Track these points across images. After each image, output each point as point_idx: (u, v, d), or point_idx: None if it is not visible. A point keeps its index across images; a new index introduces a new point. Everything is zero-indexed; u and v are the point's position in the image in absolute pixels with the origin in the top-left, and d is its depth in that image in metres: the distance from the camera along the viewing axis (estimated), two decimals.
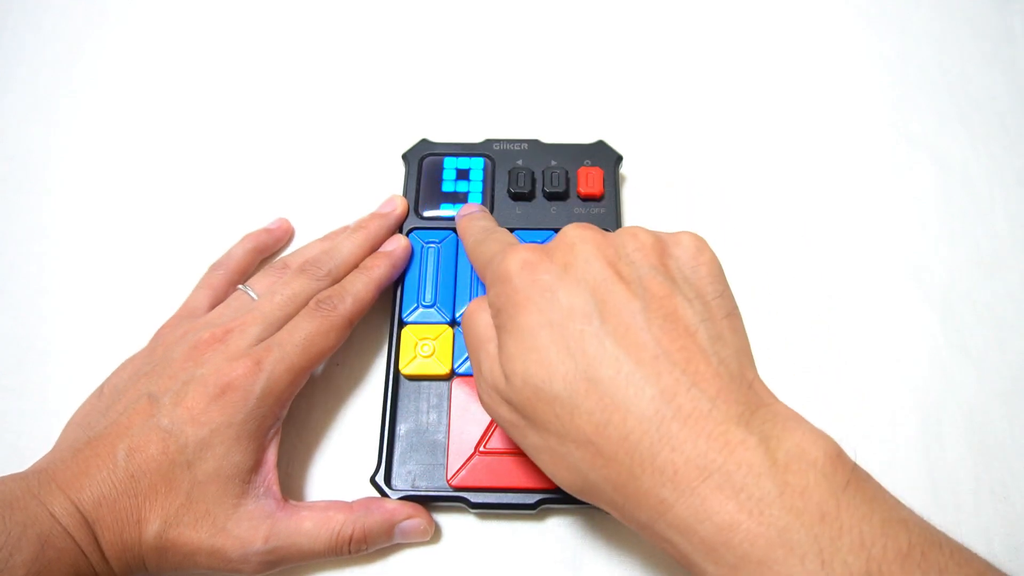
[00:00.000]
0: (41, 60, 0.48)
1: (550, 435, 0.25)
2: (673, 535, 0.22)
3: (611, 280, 0.25)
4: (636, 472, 0.23)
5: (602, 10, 0.49)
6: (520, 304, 0.26)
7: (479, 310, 0.29)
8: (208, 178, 0.44)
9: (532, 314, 0.25)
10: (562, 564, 0.33)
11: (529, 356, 0.25)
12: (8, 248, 0.42)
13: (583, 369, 0.24)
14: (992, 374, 0.38)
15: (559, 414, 0.24)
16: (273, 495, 0.31)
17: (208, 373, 0.31)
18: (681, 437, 0.22)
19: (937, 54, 0.48)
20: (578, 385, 0.24)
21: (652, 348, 0.24)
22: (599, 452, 0.23)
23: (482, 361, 0.27)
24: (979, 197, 0.43)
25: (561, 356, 0.24)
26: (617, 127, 0.44)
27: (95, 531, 0.28)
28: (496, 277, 0.27)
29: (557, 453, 0.25)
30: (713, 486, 0.21)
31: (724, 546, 0.21)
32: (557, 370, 0.24)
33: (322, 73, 0.47)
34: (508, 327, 0.26)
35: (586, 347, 0.24)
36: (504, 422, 0.27)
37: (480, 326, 0.28)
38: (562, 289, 0.25)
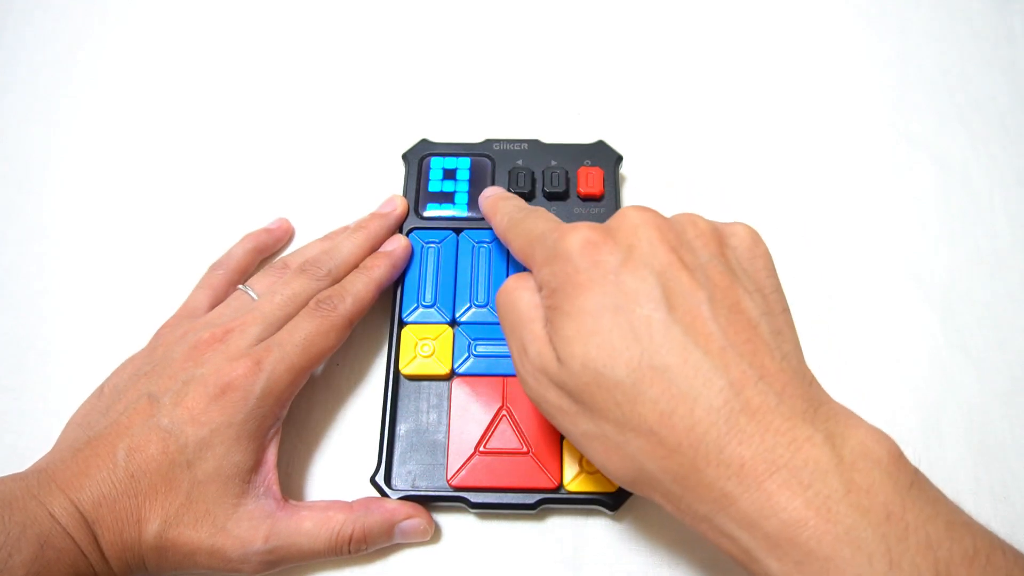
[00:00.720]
0: (41, 60, 0.48)
1: (607, 423, 0.24)
2: (734, 530, 0.22)
3: (676, 266, 0.25)
4: (700, 464, 0.22)
5: (602, 10, 0.49)
6: (582, 285, 0.25)
7: (521, 288, 0.28)
8: (208, 178, 0.44)
9: (595, 296, 0.25)
10: (562, 564, 0.33)
11: (591, 339, 0.24)
12: (8, 248, 0.42)
13: (649, 356, 0.23)
14: (992, 374, 0.38)
15: (620, 401, 0.23)
16: (273, 495, 0.31)
17: (208, 373, 0.31)
18: (749, 431, 0.22)
19: (937, 54, 0.48)
20: (643, 372, 0.23)
21: (719, 339, 0.23)
22: (661, 442, 0.23)
23: (527, 342, 0.26)
24: (979, 197, 0.43)
25: (626, 341, 0.24)
26: (617, 127, 0.44)
27: (95, 531, 0.28)
28: (552, 255, 0.26)
29: (612, 442, 0.24)
30: (780, 482, 0.21)
31: (789, 543, 0.21)
32: (621, 355, 0.24)
33: (322, 73, 0.47)
34: (565, 308, 0.25)
35: (653, 333, 0.23)
36: (551, 407, 0.26)
37: (523, 304, 0.27)
38: (627, 273, 0.25)
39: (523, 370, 0.27)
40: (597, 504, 0.33)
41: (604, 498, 0.33)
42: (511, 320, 0.28)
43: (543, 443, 0.33)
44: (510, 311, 0.28)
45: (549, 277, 0.26)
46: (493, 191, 0.36)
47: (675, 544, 0.33)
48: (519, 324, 0.27)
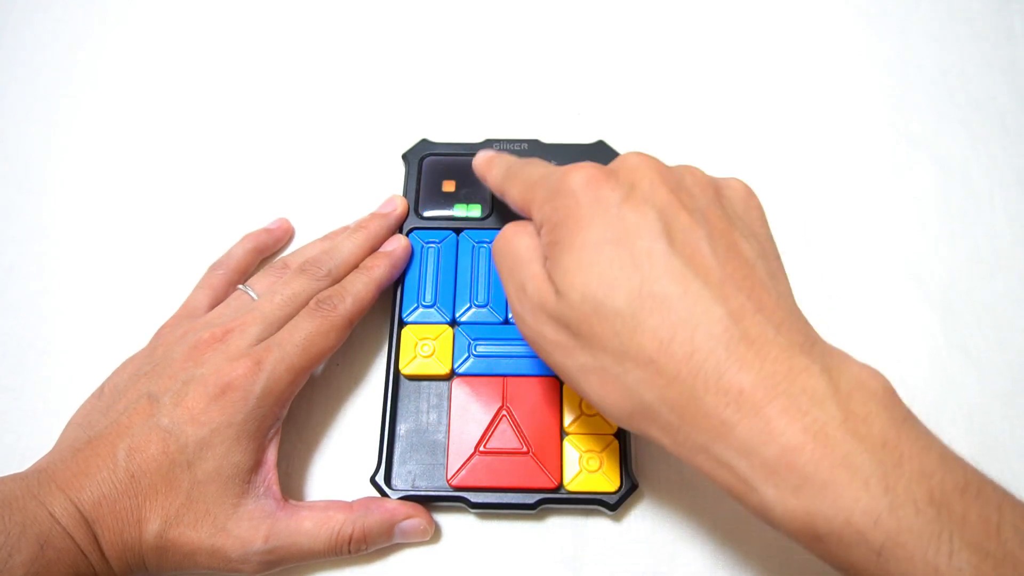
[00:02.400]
0: (41, 60, 0.48)
1: (605, 354, 0.24)
2: (732, 457, 0.22)
3: (675, 205, 0.26)
4: (699, 392, 0.22)
5: (602, 10, 0.49)
6: (583, 219, 0.25)
7: (520, 232, 0.29)
8: (208, 178, 0.44)
9: (597, 229, 0.25)
10: (562, 564, 0.33)
11: (591, 270, 0.24)
12: (8, 248, 0.42)
13: (650, 284, 0.24)
14: (992, 374, 0.38)
15: (619, 331, 0.24)
16: (273, 495, 0.31)
17: (208, 373, 0.31)
18: (748, 358, 0.22)
19: (937, 54, 0.48)
20: (643, 300, 0.23)
21: (718, 272, 0.24)
22: (660, 371, 0.23)
23: (525, 281, 0.27)
24: (979, 197, 0.43)
25: (626, 271, 0.24)
26: (617, 127, 0.44)
27: (95, 531, 0.28)
28: (555, 191, 0.27)
29: (610, 373, 0.24)
30: (779, 408, 0.21)
31: (787, 468, 0.21)
32: (621, 285, 0.24)
33: (322, 73, 0.47)
34: (566, 241, 0.25)
35: (654, 263, 0.24)
36: (547, 343, 0.26)
37: (521, 247, 0.28)
38: (628, 208, 0.25)
39: (521, 309, 0.27)
40: (597, 504, 0.33)
41: (604, 498, 0.33)
42: (508, 263, 0.28)
43: (543, 443, 0.33)
44: (507, 255, 0.28)
45: (551, 212, 0.27)
46: (486, 151, 0.36)
47: (675, 544, 0.33)
48: (517, 265, 0.28)
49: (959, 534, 0.20)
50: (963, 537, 0.20)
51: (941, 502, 0.20)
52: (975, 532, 0.20)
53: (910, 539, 0.20)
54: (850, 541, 0.21)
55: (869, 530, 0.20)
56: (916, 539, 0.20)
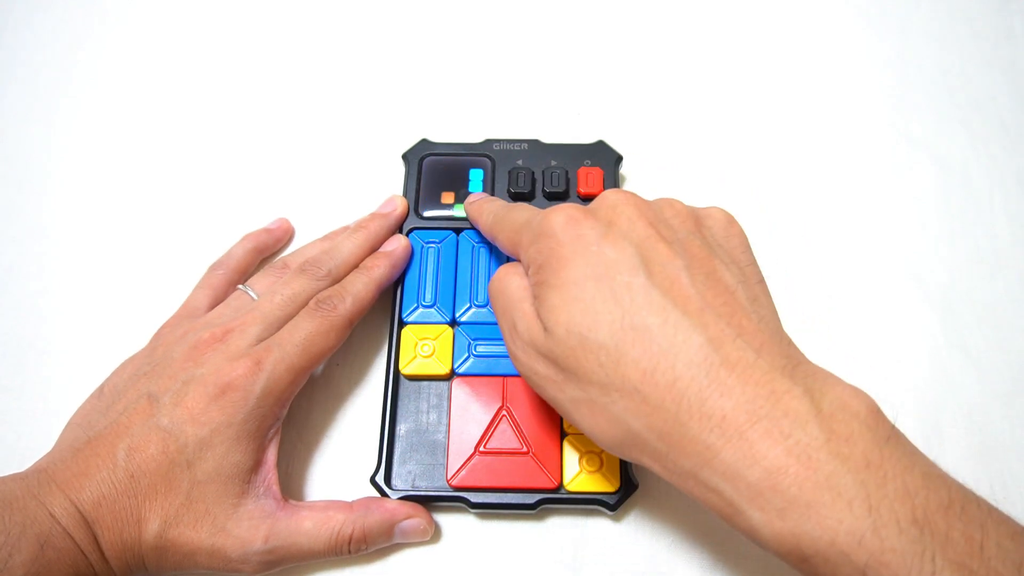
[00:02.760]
0: (41, 60, 0.48)
1: (592, 386, 0.25)
2: (719, 482, 0.23)
3: (654, 238, 0.26)
4: (683, 418, 0.23)
5: (602, 10, 0.49)
6: (565, 258, 0.26)
7: (511, 273, 0.30)
8: (208, 178, 0.44)
9: (577, 267, 0.26)
10: (562, 564, 0.33)
11: (574, 306, 0.25)
12: (8, 248, 0.42)
13: (630, 317, 0.24)
14: (992, 374, 0.38)
15: (604, 363, 0.24)
16: (273, 495, 0.31)
17: (208, 373, 0.31)
18: (729, 384, 0.23)
19: (937, 54, 0.48)
20: (625, 333, 0.24)
21: (697, 301, 0.25)
22: (645, 400, 0.24)
23: (516, 320, 0.28)
24: (979, 197, 0.43)
25: (607, 305, 0.25)
26: (617, 127, 0.44)
27: (95, 531, 0.28)
28: (538, 233, 0.28)
29: (598, 404, 0.25)
30: (761, 431, 0.22)
31: (771, 490, 0.21)
32: (603, 319, 0.25)
33: (322, 73, 0.47)
34: (551, 281, 0.26)
35: (634, 296, 0.25)
36: (539, 378, 0.27)
37: (512, 287, 0.29)
38: (607, 244, 0.26)
39: (514, 347, 0.28)
40: (597, 504, 0.33)
41: (604, 498, 0.33)
42: (502, 303, 0.29)
43: (543, 443, 0.33)
44: (500, 295, 0.30)
45: (535, 254, 0.28)
46: (476, 196, 0.38)
47: (675, 544, 0.33)
48: (509, 305, 0.29)
49: (942, 552, 0.20)
50: (946, 555, 0.20)
51: (924, 521, 0.20)
52: (958, 550, 0.20)
53: (893, 558, 0.20)
54: (836, 561, 0.21)
55: (853, 550, 0.20)
56: (900, 558, 0.20)
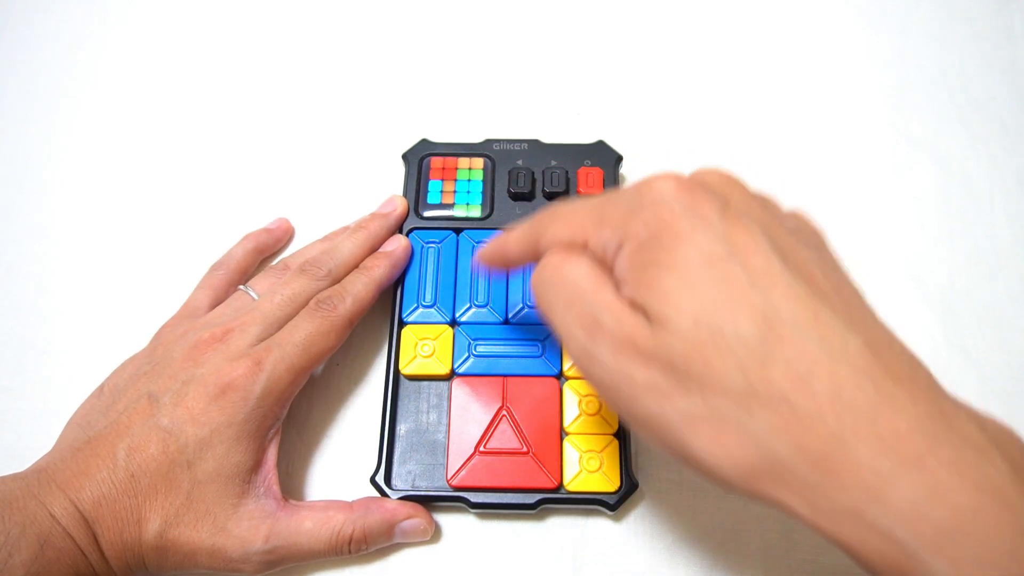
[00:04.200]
0: (41, 60, 0.48)
1: (722, 395, 0.20)
2: (892, 522, 0.18)
3: (774, 224, 0.22)
4: (848, 438, 0.18)
5: (602, 10, 0.49)
6: (683, 233, 0.21)
7: (570, 260, 0.24)
8: (208, 178, 0.44)
9: (700, 243, 0.21)
10: (562, 564, 0.33)
11: (701, 291, 0.20)
12: (8, 248, 0.42)
13: (776, 309, 0.20)
14: (992, 374, 0.38)
15: (745, 363, 0.19)
16: (273, 495, 0.31)
17: (208, 373, 0.31)
18: (900, 398, 0.19)
19: (937, 54, 0.48)
20: (771, 327, 0.19)
21: (836, 299, 0.21)
22: (797, 413, 0.19)
23: (599, 313, 0.22)
24: (979, 197, 0.43)
25: (746, 292, 0.20)
26: (617, 127, 0.44)
27: (95, 531, 0.28)
28: (637, 204, 0.22)
29: (728, 420, 0.20)
30: (944, 459, 0.18)
31: (963, 535, 0.17)
32: (742, 307, 0.20)
33: (322, 73, 0.47)
34: (663, 260, 0.21)
35: (775, 284, 0.20)
36: (636, 387, 0.21)
37: (579, 276, 0.23)
38: (731, 221, 0.21)
39: (593, 347, 0.22)
40: (597, 504, 0.33)
41: (604, 498, 0.33)
42: (565, 296, 0.23)
43: (543, 443, 0.33)
44: (561, 286, 0.24)
45: (639, 227, 0.22)
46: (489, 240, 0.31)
47: (675, 544, 0.33)
48: (579, 297, 0.23)
49: None
50: None
51: None
52: None
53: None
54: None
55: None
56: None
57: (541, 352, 0.35)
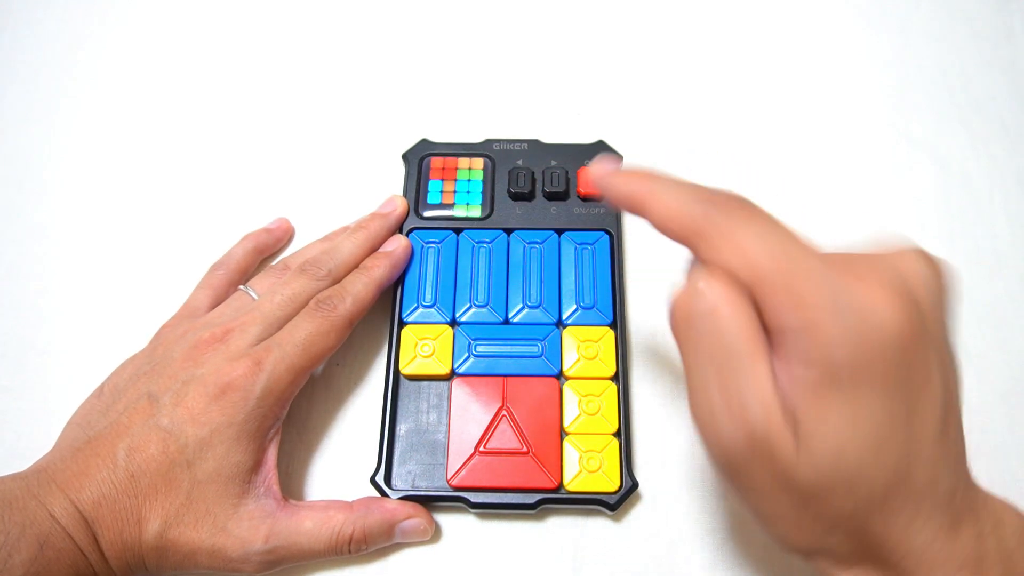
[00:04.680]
0: (41, 60, 0.48)
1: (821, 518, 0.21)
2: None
3: (956, 361, 0.23)
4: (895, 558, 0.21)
5: (602, 10, 0.49)
6: (882, 385, 0.20)
7: (733, 304, 0.20)
8: (208, 178, 0.44)
9: (892, 404, 0.20)
10: (562, 564, 0.33)
11: (864, 445, 0.20)
12: (8, 248, 0.42)
13: (909, 469, 0.21)
14: (992, 374, 0.38)
15: (855, 506, 0.21)
16: (273, 495, 0.31)
17: (208, 373, 0.31)
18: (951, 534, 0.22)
19: (937, 54, 0.48)
20: (898, 485, 0.21)
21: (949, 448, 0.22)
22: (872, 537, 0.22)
23: (747, 396, 0.20)
24: (979, 197, 0.43)
25: (898, 458, 0.20)
26: (617, 127, 0.44)
27: (95, 531, 0.28)
28: (856, 325, 0.19)
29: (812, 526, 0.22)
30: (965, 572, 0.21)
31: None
32: (886, 470, 0.20)
33: (322, 74, 0.47)
34: (849, 398, 0.20)
35: (923, 451, 0.21)
36: (745, 479, 0.22)
37: (739, 336, 0.20)
38: (924, 384, 0.21)
39: (726, 425, 0.21)
40: (597, 504, 0.33)
41: (604, 498, 0.33)
42: (717, 354, 0.21)
43: (543, 443, 0.33)
44: (715, 339, 0.21)
45: (841, 351, 0.20)
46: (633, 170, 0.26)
47: (675, 544, 0.33)
48: (732, 366, 0.20)
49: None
50: None
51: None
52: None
53: None
54: None
55: None
56: None
57: (541, 352, 0.35)
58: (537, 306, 0.36)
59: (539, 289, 0.37)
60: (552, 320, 0.36)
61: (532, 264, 0.38)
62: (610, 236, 0.38)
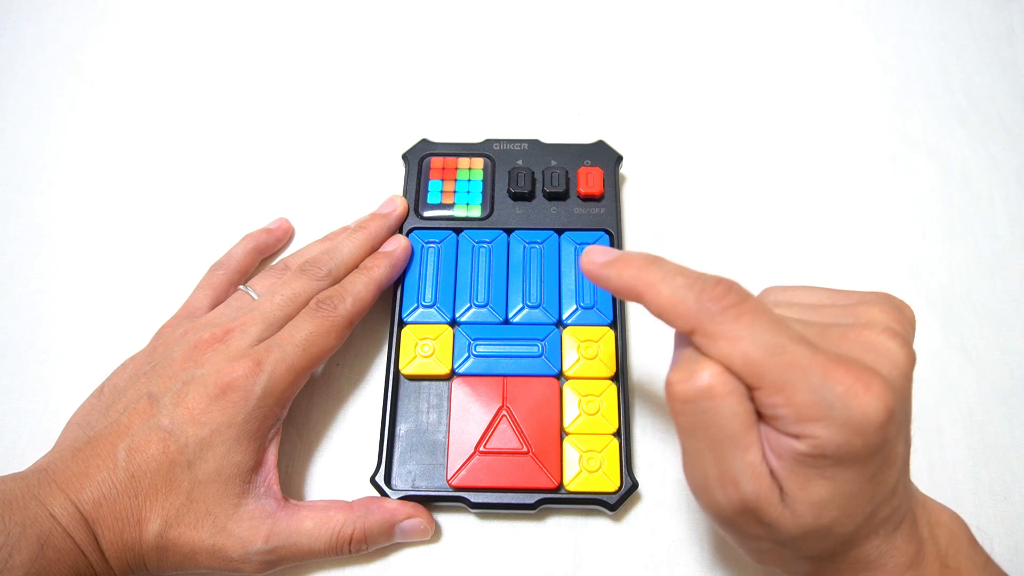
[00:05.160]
0: (41, 60, 0.48)
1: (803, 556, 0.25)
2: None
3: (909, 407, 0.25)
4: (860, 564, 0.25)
5: (602, 10, 0.49)
6: (858, 460, 0.23)
7: (729, 394, 0.23)
8: (208, 179, 0.44)
9: (862, 472, 0.23)
10: (562, 564, 0.33)
11: (841, 506, 0.23)
12: (8, 248, 0.42)
13: (877, 515, 0.24)
14: (992, 374, 0.38)
15: (832, 548, 0.25)
16: (273, 495, 0.31)
17: (208, 373, 0.31)
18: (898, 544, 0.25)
19: (937, 54, 0.48)
20: (866, 531, 0.24)
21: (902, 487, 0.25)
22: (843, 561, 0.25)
23: (738, 473, 0.23)
24: (979, 197, 0.43)
25: (866, 506, 0.24)
26: (617, 127, 0.44)
27: (95, 531, 0.28)
28: (843, 418, 0.22)
29: (791, 564, 0.26)
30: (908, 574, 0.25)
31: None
32: (857, 516, 0.24)
33: (322, 74, 0.47)
34: (829, 473, 0.23)
35: (888, 501, 0.24)
36: (737, 531, 0.25)
37: (730, 418, 0.23)
38: (889, 448, 0.23)
39: (719, 495, 0.24)
40: (597, 504, 0.33)
41: (604, 498, 0.33)
42: (714, 435, 0.23)
43: (543, 443, 0.33)
44: (713, 422, 0.23)
45: (828, 445, 0.22)
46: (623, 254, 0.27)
47: (675, 544, 0.33)
48: (727, 446, 0.23)
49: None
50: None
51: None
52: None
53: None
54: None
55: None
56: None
57: (541, 352, 0.35)
58: (537, 306, 0.36)
59: (539, 289, 0.37)
60: (552, 320, 0.36)
61: (532, 264, 0.38)
62: (610, 236, 0.38)
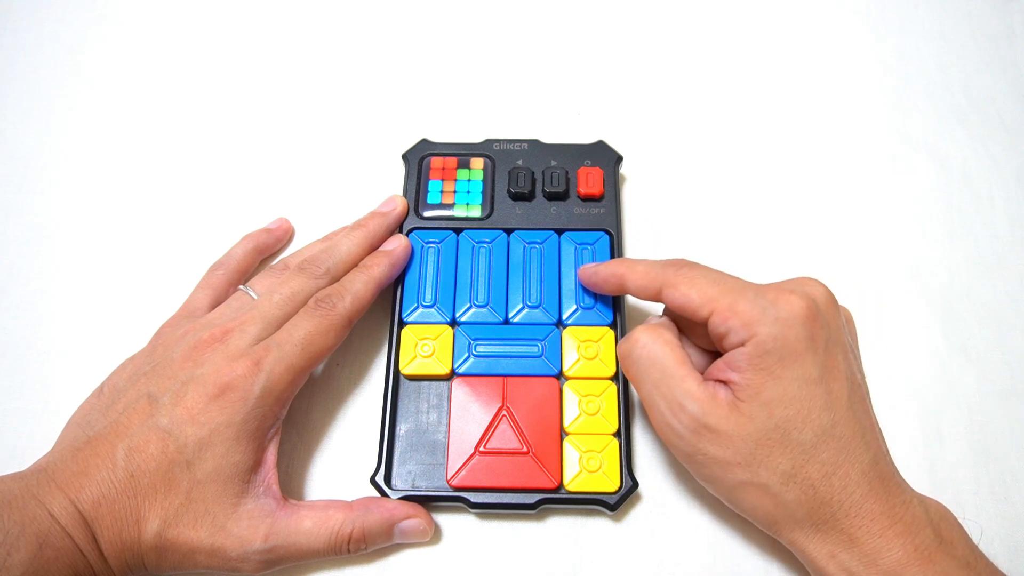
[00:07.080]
0: (41, 60, 0.48)
1: (772, 475, 0.28)
2: (854, 564, 0.27)
3: (853, 349, 0.31)
4: (841, 514, 0.28)
5: (602, 10, 0.49)
6: (799, 354, 0.28)
7: (658, 341, 0.30)
8: (208, 178, 0.44)
9: (807, 367, 0.28)
10: (562, 564, 0.33)
11: (793, 405, 0.28)
12: (8, 248, 0.42)
13: (834, 424, 0.28)
14: (992, 374, 0.38)
15: (796, 459, 0.28)
16: (273, 494, 0.31)
17: (208, 373, 0.31)
18: (881, 493, 0.28)
19: (937, 54, 0.48)
20: (827, 439, 0.28)
21: (867, 418, 0.29)
22: (817, 495, 0.28)
23: (682, 399, 0.29)
24: (979, 197, 0.43)
25: (819, 410, 0.28)
26: (617, 127, 0.44)
27: (94, 530, 0.28)
28: (774, 317, 0.28)
29: (770, 491, 0.28)
30: (897, 531, 0.27)
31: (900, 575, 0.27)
32: (814, 422, 0.28)
33: (322, 73, 0.47)
34: (776, 371, 0.28)
35: (840, 406, 0.28)
36: (707, 459, 0.29)
37: (666, 359, 0.30)
38: (833, 348, 0.29)
39: (676, 423, 0.29)
40: (597, 504, 0.33)
41: (604, 498, 0.33)
42: (653, 376, 0.30)
43: (543, 443, 0.33)
44: (649, 365, 0.30)
45: (768, 339, 0.28)
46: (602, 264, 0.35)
47: (675, 544, 0.33)
48: (666, 380, 0.29)
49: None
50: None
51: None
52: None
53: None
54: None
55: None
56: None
57: (541, 352, 0.35)
58: (537, 306, 0.36)
59: (539, 289, 0.37)
60: (552, 320, 0.36)
61: (532, 264, 0.38)
62: (610, 236, 0.38)
